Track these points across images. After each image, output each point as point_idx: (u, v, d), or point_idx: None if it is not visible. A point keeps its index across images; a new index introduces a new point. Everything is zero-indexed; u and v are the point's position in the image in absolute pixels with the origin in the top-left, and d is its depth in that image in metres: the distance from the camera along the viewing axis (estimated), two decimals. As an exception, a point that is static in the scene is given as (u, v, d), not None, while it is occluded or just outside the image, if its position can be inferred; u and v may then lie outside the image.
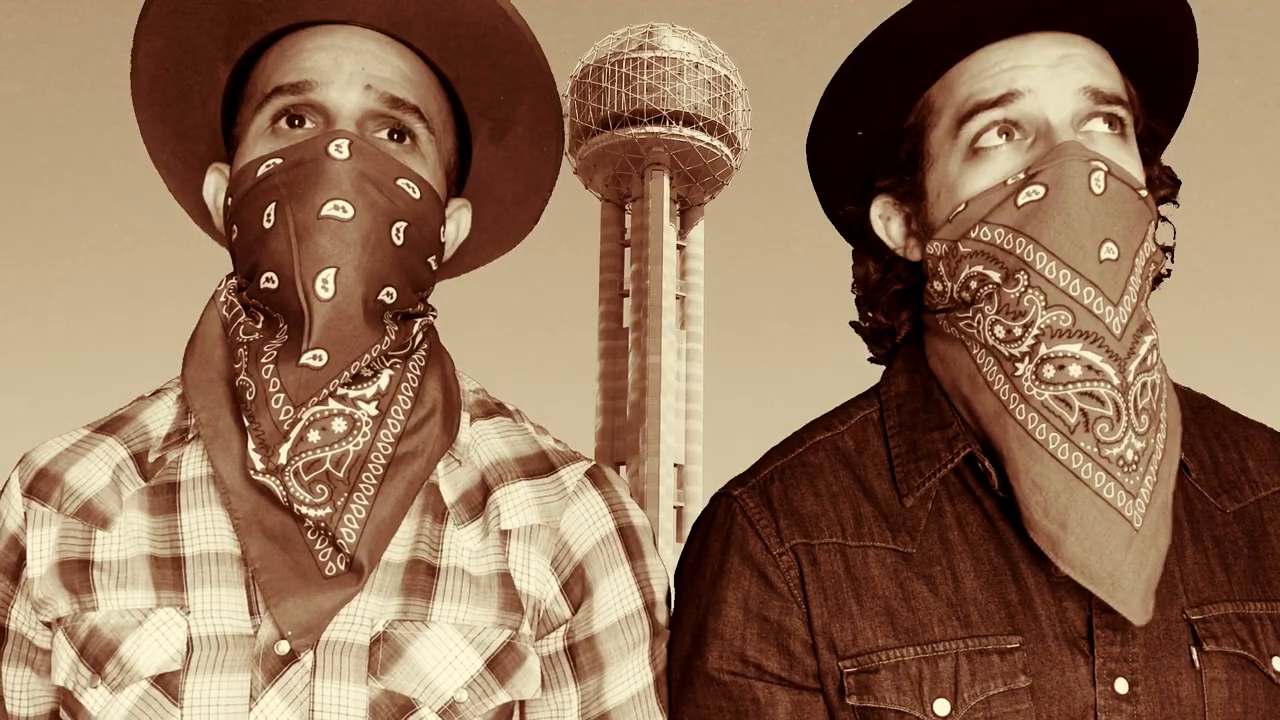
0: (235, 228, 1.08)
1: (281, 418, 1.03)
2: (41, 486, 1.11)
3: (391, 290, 1.06)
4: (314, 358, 1.03)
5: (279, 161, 1.05)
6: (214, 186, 1.15)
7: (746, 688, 1.07)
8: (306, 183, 1.03)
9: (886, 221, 1.17)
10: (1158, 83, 1.14)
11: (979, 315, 1.06)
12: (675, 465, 66.06)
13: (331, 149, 1.03)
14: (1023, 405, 1.03)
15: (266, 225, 1.04)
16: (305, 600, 1.01)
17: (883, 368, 1.22)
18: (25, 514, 1.10)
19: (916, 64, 1.10)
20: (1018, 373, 1.03)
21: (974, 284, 1.07)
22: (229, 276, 1.13)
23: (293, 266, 1.02)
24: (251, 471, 1.03)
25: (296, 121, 1.07)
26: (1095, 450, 1.00)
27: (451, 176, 1.16)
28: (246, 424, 1.05)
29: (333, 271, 1.02)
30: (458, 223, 1.18)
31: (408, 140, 1.09)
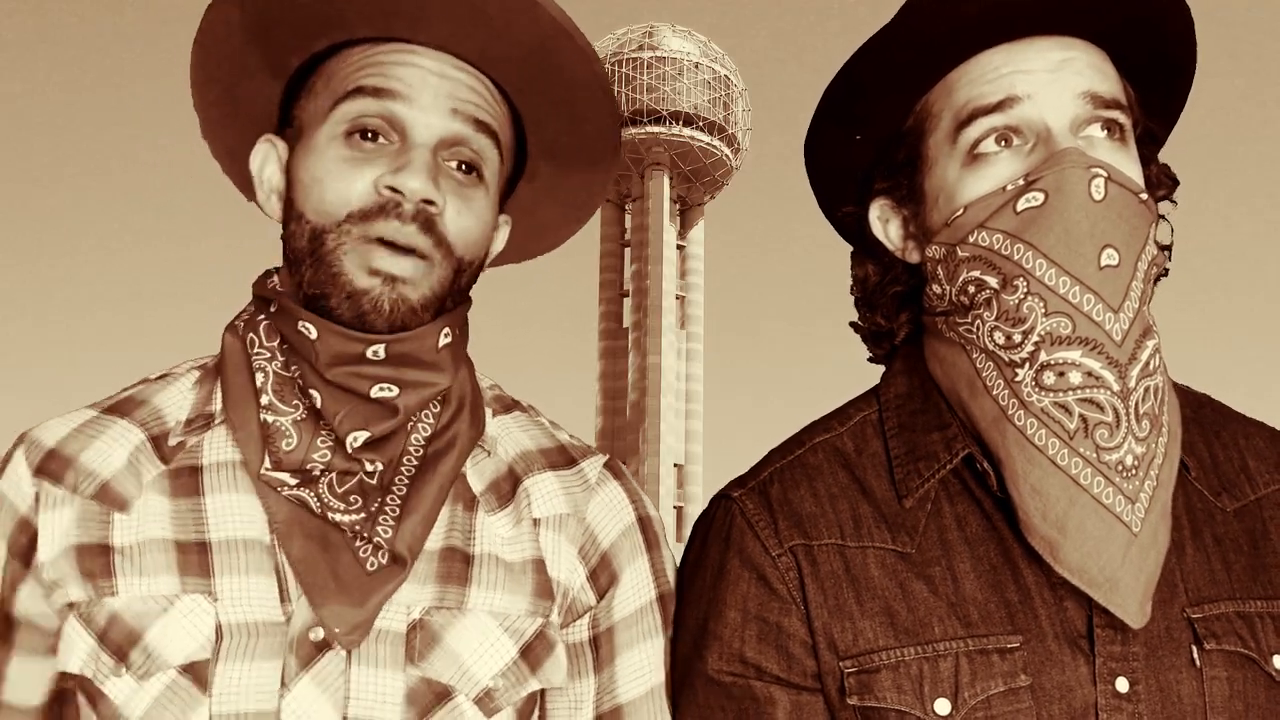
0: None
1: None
2: (53, 467, 1.07)
3: None
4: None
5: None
6: (261, 158, 1.13)
7: (746, 688, 1.08)
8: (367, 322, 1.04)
9: (885, 224, 1.17)
10: (1156, 83, 1.14)
11: (978, 321, 1.06)
12: (675, 465, 66.06)
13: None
14: (1022, 411, 1.03)
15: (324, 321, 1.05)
16: (349, 599, 1.02)
17: (884, 368, 1.21)
18: (36, 494, 1.06)
19: (915, 68, 1.09)
20: (1017, 378, 1.03)
21: (972, 289, 1.06)
22: (255, 313, 1.12)
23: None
24: (265, 470, 1.04)
25: (370, 135, 1.05)
26: (1095, 456, 1.00)
27: (501, 197, 1.16)
28: (268, 456, 1.06)
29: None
30: (498, 236, 1.19)
31: (474, 174, 1.09)
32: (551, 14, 1.06)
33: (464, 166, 1.08)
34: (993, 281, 1.04)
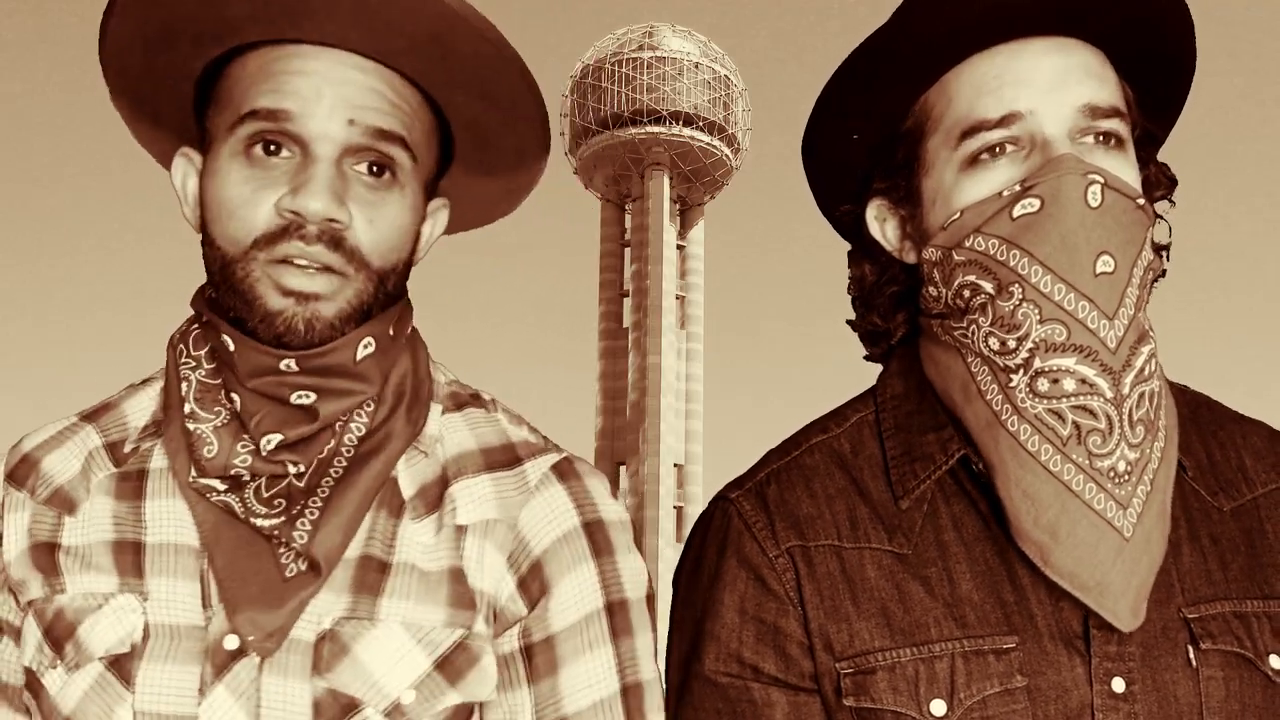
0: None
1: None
2: (20, 472, 1.13)
3: None
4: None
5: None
6: (181, 172, 1.12)
7: (743, 689, 1.08)
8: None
9: (882, 223, 1.17)
10: (1156, 83, 1.13)
11: (973, 326, 1.06)
12: (675, 465, 66.02)
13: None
14: (1015, 416, 1.03)
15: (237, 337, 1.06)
16: (263, 607, 1.02)
17: (882, 368, 1.21)
18: (3, 499, 1.12)
19: (913, 68, 1.09)
20: (1012, 384, 1.03)
21: (967, 293, 1.07)
22: (190, 323, 1.13)
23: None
24: (192, 477, 1.05)
25: (272, 148, 1.04)
26: (1087, 462, 1.01)
27: (431, 184, 1.14)
28: (193, 464, 1.06)
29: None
30: (435, 222, 1.17)
31: (387, 175, 1.06)
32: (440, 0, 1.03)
33: (374, 168, 1.05)
34: (988, 287, 1.04)
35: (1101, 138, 1.05)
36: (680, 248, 69.89)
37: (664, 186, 67.29)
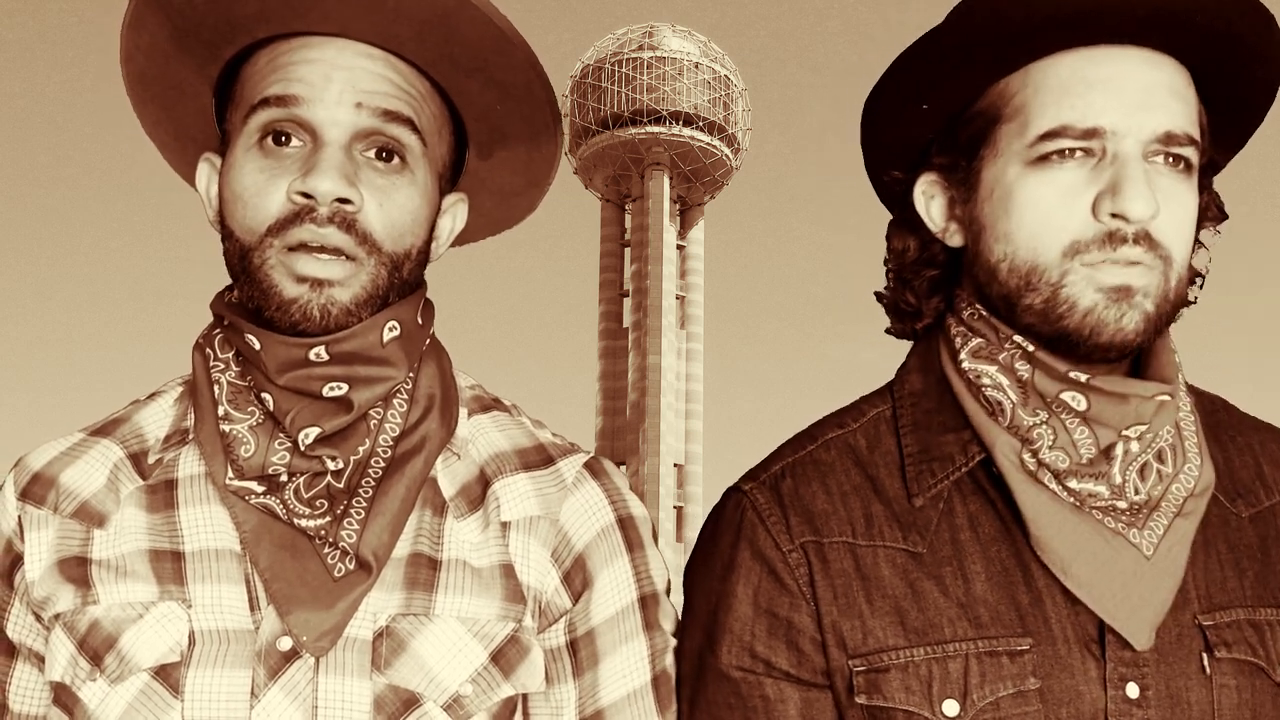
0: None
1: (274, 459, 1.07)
2: (36, 490, 1.12)
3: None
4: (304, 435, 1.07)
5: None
6: (205, 177, 1.14)
7: (756, 684, 1.08)
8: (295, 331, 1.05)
9: (929, 200, 1.15)
10: (1231, 111, 1.13)
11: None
12: (675, 465, 66.09)
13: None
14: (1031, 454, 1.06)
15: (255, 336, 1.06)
16: (316, 606, 1.02)
17: (881, 367, 1.21)
18: (20, 518, 1.11)
19: (1003, 52, 1.07)
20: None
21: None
22: (212, 329, 1.13)
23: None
24: (229, 480, 1.05)
25: (283, 139, 1.05)
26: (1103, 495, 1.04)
27: (445, 176, 1.15)
28: (230, 466, 1.07)
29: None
30: (454, 216, 1.18)
31: (396, 160, 1.07)
32: None
33: (384, 154, 1.06)
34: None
35: (1172, 160, 1.05)
36: (680, 248, 69.96)
37: (664, 186, 67.36)
